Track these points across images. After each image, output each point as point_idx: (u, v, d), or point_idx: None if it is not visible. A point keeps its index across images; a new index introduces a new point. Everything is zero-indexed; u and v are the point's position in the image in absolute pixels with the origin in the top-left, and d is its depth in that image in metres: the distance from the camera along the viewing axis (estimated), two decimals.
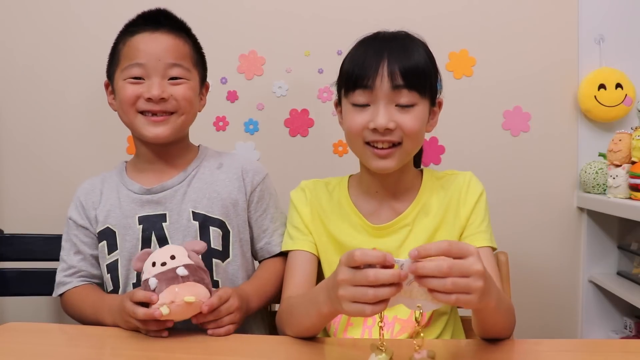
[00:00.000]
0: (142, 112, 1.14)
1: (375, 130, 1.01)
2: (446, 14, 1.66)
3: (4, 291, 1.52)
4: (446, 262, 0.73)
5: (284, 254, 1.21)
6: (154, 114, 1.14)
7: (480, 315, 0.88)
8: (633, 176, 1.44)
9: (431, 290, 0.75)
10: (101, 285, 1.21)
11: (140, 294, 0.95)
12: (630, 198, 1.47)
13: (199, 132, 1.65)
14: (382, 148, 1.03)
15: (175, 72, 1.14)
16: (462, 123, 1.66)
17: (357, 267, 0.77)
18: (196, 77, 1.20)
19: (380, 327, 0.79)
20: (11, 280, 1.51)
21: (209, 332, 0.98)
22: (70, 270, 1.19)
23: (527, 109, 1.67)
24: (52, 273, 1.23)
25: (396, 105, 1.01)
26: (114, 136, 1.65)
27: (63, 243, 1.23)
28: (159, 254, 0.99)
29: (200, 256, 1.02)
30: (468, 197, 1.10)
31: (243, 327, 1.16)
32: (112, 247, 1.16)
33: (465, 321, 1.18)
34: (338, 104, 1.12)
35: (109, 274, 1.17)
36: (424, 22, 1.59)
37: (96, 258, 1.20)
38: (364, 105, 1.03)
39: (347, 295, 0.77)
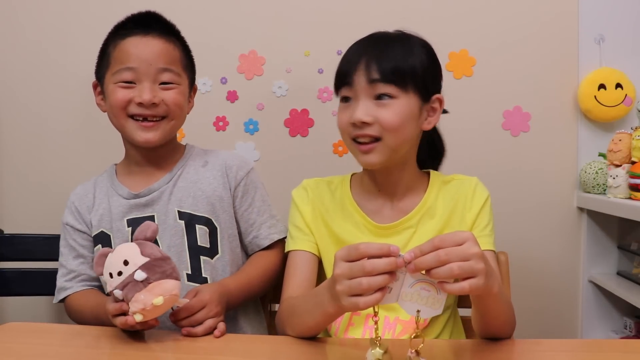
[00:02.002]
0: (133, 116, 1.14)
1: (355, 124, 1.02)
2: (446, 14, 1.66)
3: (4, 291, 1.52)
4: (443, 250, 0.74)
5: (272, 247, 1.23)
6: (145, 118, 1.14)
7: (482, 306, 0.88)
8: (633, 176, 1.44)
9: (441, 283, 0.75)
10: (102, 287, 1.21)
11: (111, 308, 0.94)
12: (630, 198, 1.47)
13: (199, 132, 1.67)
14: (364, 143, 1.03)
15: (166, 77, 1.14)
16: (462, 123, 1.66)
17: (353, 261, 0.77)
18: (186, 81, 1.20)
19: (375, 322, 0.79)
20: (11, 280, 1.51)
21: (184, 331, 0.98)
22: (70, 274, 1.20)
23: (527, 109, 1.67)
24: (52, 273, 1.23)
25: (376, 99, 1.01)
26: (114, 136, 1.64)
27: (61, 249, 1.23)
28: (110, 263, 0.94)
29: (154, 242, 0.97)
30: (474, 202, 1.10)
31: (233, 324, 1.17)
32: None
33: (466, 321, 1.18)
34: None
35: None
36: (424, 22, 1.59)
37: None
38: (349, 102, 1.04)
39: (345, 290, 0.77)
